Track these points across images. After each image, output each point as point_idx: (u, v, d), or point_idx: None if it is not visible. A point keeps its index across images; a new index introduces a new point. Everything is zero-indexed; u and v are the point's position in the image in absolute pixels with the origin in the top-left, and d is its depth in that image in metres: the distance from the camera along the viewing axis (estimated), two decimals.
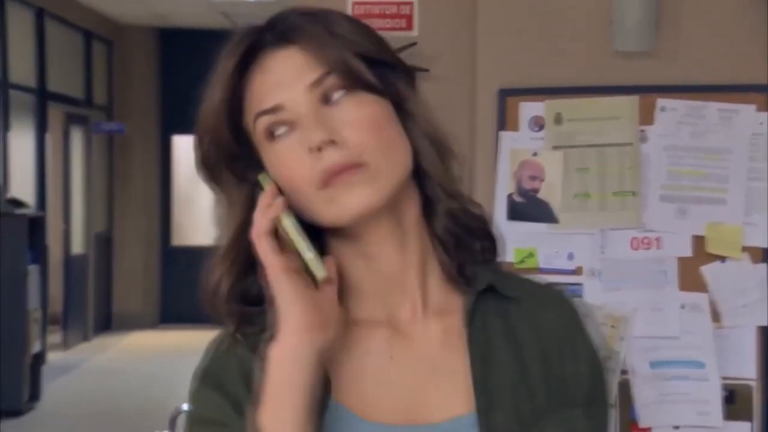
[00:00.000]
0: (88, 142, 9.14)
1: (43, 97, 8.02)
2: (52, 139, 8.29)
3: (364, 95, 0.87)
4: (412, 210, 0.89)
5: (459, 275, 0.90)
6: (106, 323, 9.58)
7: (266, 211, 0.86)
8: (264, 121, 0.88)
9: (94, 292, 9.18)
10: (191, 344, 10.48)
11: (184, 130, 10.10)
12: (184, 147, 10.13)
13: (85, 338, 8.89)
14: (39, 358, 6.57)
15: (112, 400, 6.70)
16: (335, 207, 0.85)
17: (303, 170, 0.85)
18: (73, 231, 8.75)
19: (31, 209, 6.91)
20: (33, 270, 6.46)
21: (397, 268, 0.89)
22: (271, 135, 0.87)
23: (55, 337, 8.11)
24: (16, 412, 6.14)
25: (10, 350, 6.19)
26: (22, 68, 7.56)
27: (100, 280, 9.36)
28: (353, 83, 0.87)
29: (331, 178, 0.85)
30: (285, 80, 0.87)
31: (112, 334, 9.37)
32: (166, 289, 9.95)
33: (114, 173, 9.79)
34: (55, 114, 8.36)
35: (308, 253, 0.86)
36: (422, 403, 0.87)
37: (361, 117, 0.86)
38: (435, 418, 0.87)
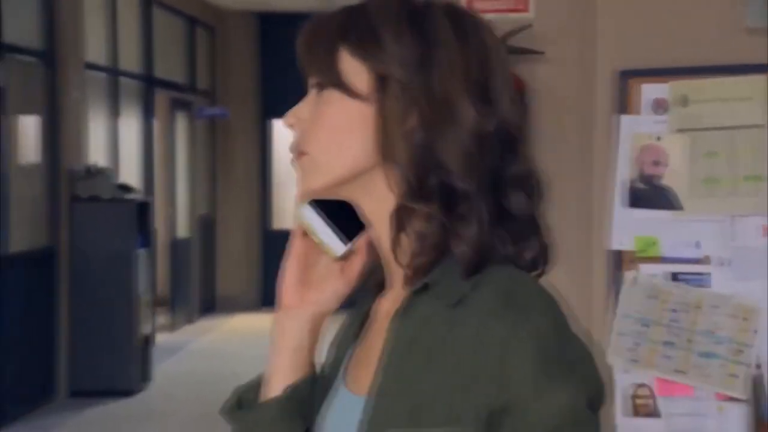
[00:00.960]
0: (192, 126, 9.34)
1: (149, 84, 8.21)
2: (158, 125, 8.49)
3: (336, 94, 0.95)
4: (391, 199, 0.95)
5: (413, 270, 0.93)
6: (211, 305, 9.79)
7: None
8: None
9: (199, 275, 9.39)
10: None
11: (282, 113, 10.17)
12: (282, 130, 10.25)
13: (190, 320, 9.11)
14: (149, 340, 6.76)
15: (220, 381, 6.84)
16: None
17: None
18: (178, 215, 8.96)
19: (139, 194, 7.09)
20: (142, 254, 6.64)
21: (387, 249, 0.97)
22: None
23: (161, 319, 8.33)
24: (128, 392, 6.33)
25: (121, 333, 6.38)
26: (130, 55, 7.75)
27: (203, 263, 9.57)
28: (323, 78, 0.95)
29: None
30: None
31: (216, 317, 9.58)
32: (267, 272, 10.10)
33: (216, 157, 9.97)
34: (161, 100, 8.56)
35: (316, 237, 0.99)
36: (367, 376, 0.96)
37: (320, 113, 0.95)
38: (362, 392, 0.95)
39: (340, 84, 0.94)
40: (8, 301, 5.70)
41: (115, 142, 7.51)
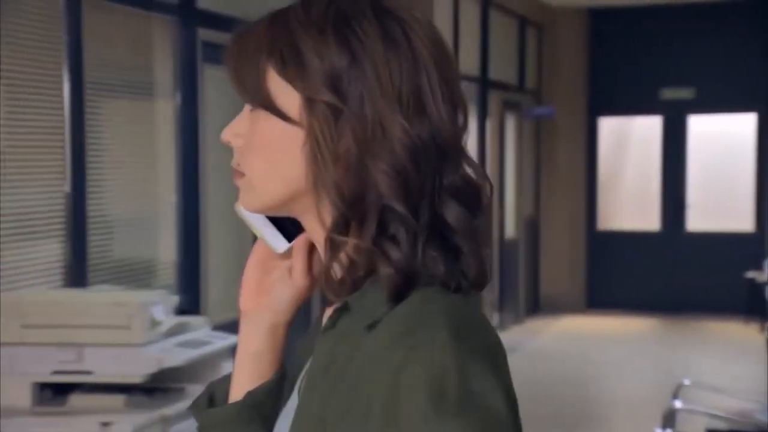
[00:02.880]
0: (520, 127, 9.46)
1: (484, 85, 8.42)
2: (490, 126, 8.69)
3: (266, 115, 0.91)
4: (322, 227, 0.92)
5: (333, 289, 0.91)
6: (535, 306, 9.89)
7: None
8: None
9: (524, 276, 9.51)
10: (620, 331, 10.56)
11: (610, 111, 10.10)
12: (608, 129, 10.12)
13: (517, 320, 9.25)
14: None
15: (559, 382, 6.90)
16: None
17: None
18: (506, 216, 9.12)
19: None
20: None
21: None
22: None
23: (490, 318, 8.52)
24: None
25: None
26: (468, 58, 8.00)
27: (528, 264, 9.68)
28: (251, 100, 0.92)
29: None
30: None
31: (542, 317, 9.65)
32: (593, 273, 10.03)
33: (541, 157, 10.04)
34: (494, 101, 8.75)
35: (257, 233, 0.99)
36: None
37: (254, 134, 0.93)
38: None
39: (270, 107, 0.91)
40: None
41: None
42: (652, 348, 8.19)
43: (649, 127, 10.00)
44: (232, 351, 2.83)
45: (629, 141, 10.15)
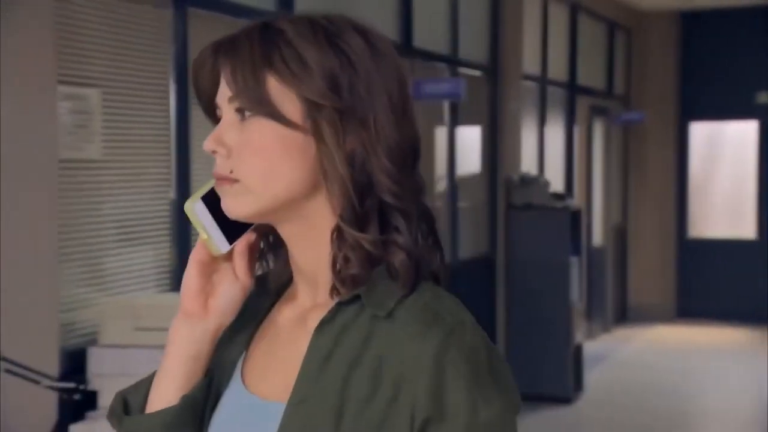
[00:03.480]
0: (608, 132, 9.37)
1: (572, 91, 8.37)
2: (578, 132, 8.63)
3: (265, 121, 0.95)
4: (326, 219, 0.98)
5: (345, 283, 0.95)
6: (623, 315, 9.76)
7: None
8: (217, 112, 1.02)
9: (612, 284, 9.40)
10: (712, 341, 10.27)
11: (702, 116, 9.93)
12: (700, 134, 9.95)
13: (606, 329, 9.15)
14: (580, 349, 6.89)
15: (649, 391, 6.81)
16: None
17: None
18: (594, 223, 9.04)
19: (571, 202, 7.25)
20: (574, 262, 6.78)
21: (310, 265, 0.99)
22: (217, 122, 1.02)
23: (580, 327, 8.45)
24: (565, 400, 6.50)
25: (556, 340, 6.57)
26: (557, 63, 7.96)
27: (616, 272, 9.57)
28: (255, 109, 0.95)
29: (216, 180, 1.00)
30: (222, 86, 0.99)
31: (630, 327, 9.53)
32: (683, 282, 9.86)
33: (629, 163, 9.92)
34: (581, 106, 8.69)
35: (204, 233, 1.00)
36: (286, 384, 0.97)
37: (251, 140, 0.96)
38: (281, 398, 0.97)
39: (275, 115, 0.95)
40: None
41: (542, 151, 7.75)
42: (747, 360, 8.01)
43: (743, 132, 9.80)
44: None
45: (722, 146, 9.95)
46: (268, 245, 1.05)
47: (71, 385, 2.34)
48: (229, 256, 1.02)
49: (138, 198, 3.53)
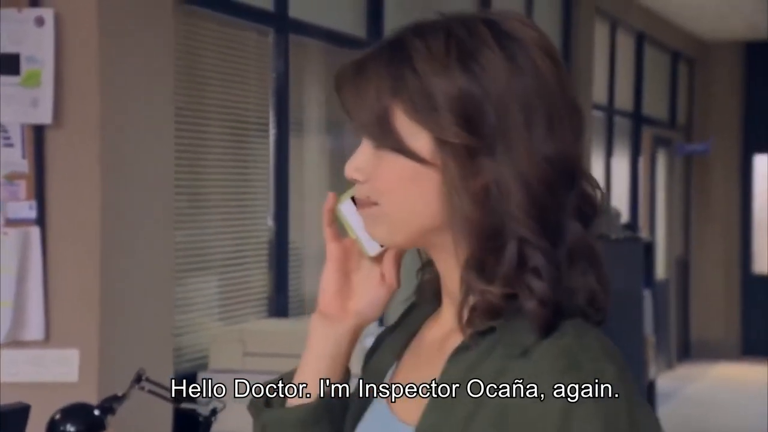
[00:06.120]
0: (671, 163, 9.39)
1: (638, 121, 8.42)
2: (642, 163, 8.66)
3: (394, 155, 0.93)
4: (453, 259, 0.94)
5: (479, 317, 0.92)
6: (686, 351, 9.71)
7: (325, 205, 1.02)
8: None
9: (675, 319, 9.36)
10: None
11: (766, 148, 9.91)
12: (763, 166, 9.92)
13: (670, 366, 9.10)
14: (653, 385, 6.87)
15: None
16: None
17: None
18: (656, 255, 9.03)
19: (643, 234, 7.26)
20: (647, 295, 6.78)
21: (454, 286, 0.95)
22: None
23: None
24: None
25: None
26: (623, 94, 8.02)
27: (679, 307, 9.53)
28: (381, 144, 0.93)
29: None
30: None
31: (694, 364, 9.47)
32: (748, 318, 9.80)
33: (691, 195, 9.92)
34: (645, 137, 8.73)
35: (353, 233, 1.00)
36: (419, 407, 0.95)
37: (382, 173, 0.94)
38: (413, 421, 0.95)
39: (402, 150, 0.92)
40: None
41: (608, 181, 7.79)
42: None
43: None
44: None
45: None
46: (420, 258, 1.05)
47: (210, 407, 2.41)
48: (373, 258, 1.01)
49: (240, 225, 3.63)
